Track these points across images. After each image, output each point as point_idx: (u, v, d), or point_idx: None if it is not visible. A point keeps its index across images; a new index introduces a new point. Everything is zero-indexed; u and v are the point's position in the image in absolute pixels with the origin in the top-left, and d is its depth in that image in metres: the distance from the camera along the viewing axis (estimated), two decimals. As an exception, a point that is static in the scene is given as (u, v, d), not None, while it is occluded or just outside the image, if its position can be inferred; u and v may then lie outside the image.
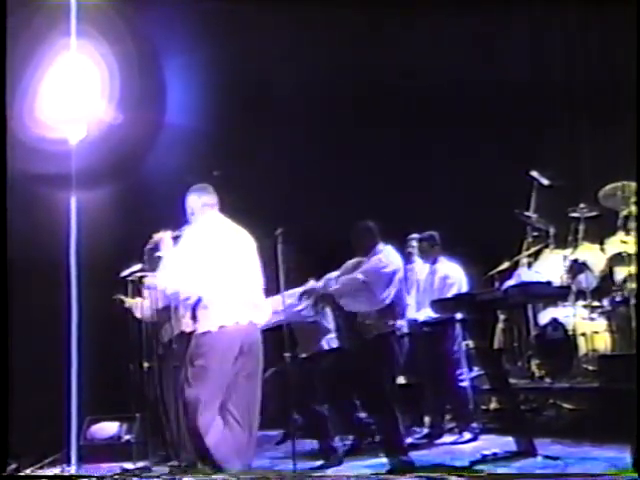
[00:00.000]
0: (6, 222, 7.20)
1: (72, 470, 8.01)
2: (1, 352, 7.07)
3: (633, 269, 8.58)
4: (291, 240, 7.36)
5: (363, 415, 8.30)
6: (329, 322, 8.32)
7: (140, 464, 8.19)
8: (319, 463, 7.88)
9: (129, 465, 8.27)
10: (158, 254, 7.87)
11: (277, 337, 7.38)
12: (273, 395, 7.90)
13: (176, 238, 6.94)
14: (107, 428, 9.05)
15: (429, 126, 10.98)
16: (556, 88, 10.22)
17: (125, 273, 8.31)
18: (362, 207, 10.47)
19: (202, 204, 6.72)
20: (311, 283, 8.05)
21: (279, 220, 7.17)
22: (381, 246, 7.61)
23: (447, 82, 10.50)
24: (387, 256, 7.54)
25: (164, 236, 7.02)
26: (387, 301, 7.35)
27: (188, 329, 8.34)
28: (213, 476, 6.11)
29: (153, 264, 7.99)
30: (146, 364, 8.39)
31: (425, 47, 10.50)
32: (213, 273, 6.40)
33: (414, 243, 9.66)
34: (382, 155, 11.07)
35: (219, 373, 6.29)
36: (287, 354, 7.64)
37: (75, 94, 8.64)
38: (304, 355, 8.25)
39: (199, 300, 6.49)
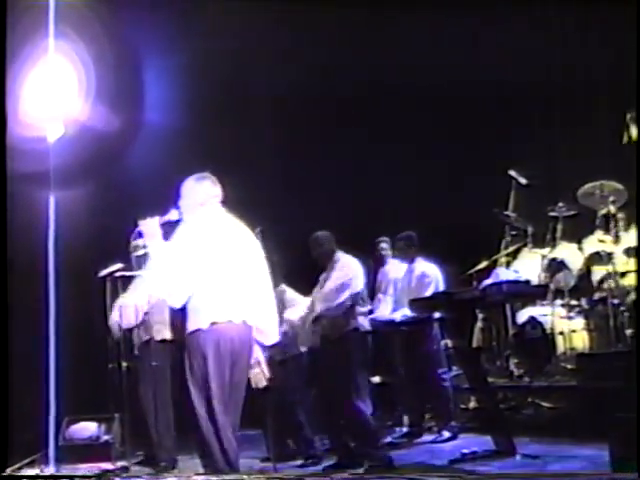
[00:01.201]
0: (6, 223, 7.10)
1: (50, 471, 7.98)
2: (1, 353, 6.99)
3: (611, 268, 8.63)
4: (270, 239, 7.35)
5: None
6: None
7: (119, 464, 8.19)
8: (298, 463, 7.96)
9: (108, 465, 8.26)
10: (139, 252, 7.85)
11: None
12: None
13: (165, 225, 6.18)
14: (86, 428, 9.03)
15: (407, 126, 11.00)
16: (535, 87, 10.25)
17: (104, 273, 8.28)
18: (341, 207, 10.50)
19: (214, 195, 6.21)
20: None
21: (260, 219, 7.09)
22: (338, 254, 7.71)
23: (426, 83, 10.50)
24: (345, 265, 7.64)
25: (151, 223, 6.15)
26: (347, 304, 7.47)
27: (159, 337, 8.36)
28: (194, 476, 6.01)
29: (137, 259, 7.97)
30: (125, 364, 8.38)
31: (405, 46, 10.52)
32: (213, 268, 5.92)
33: (384, 245, 9.71)
34: (361, 155, 11.09)
35: (212, 374, 5.79)
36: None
37: (53, 93, 8.61)
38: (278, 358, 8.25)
39: (189, 297, 5.92)
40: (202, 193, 6.19)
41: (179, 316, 6.98)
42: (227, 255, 5.99)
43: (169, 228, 6.13)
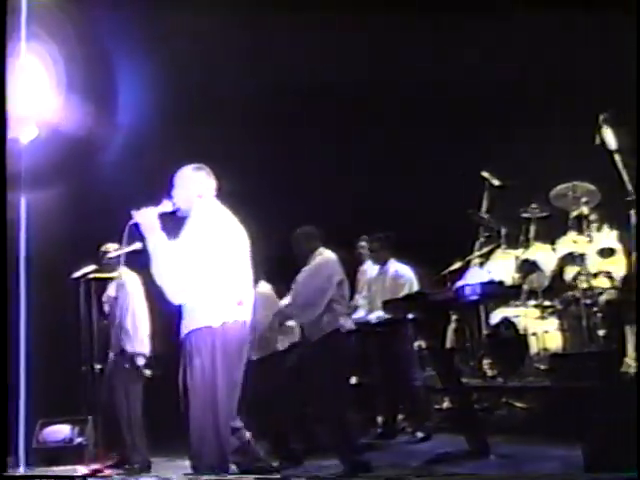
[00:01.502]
0: (5, 225, 7.02)
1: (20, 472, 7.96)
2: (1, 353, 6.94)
3: (584, 268, 8.66)
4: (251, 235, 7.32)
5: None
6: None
7: (93, 466, 8.16)
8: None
9: (82, 468, 8.23)
10: (112, 254, 7.79)
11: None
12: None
13: (164, 215, 5.91)
14: (59, 431, 9.00)
15: (380, 127, 11.00)
16: (509, 88, 10.26)
17: (77, 274, 8.24)
18: (314, 208, 10.47)
19: (210, 186, 6.05)
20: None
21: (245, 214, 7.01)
22: (321, 250, 7.62)
23: (399, 83, 10.51)
24: (325, 260, 7.57)
25: (148, 214, 5.85)
26: (323, 305, 7.39)
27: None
28: (172, 475, 5.96)
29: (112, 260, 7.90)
30: (98, 366, 8.35)
31: (384, 47, 10.52)
32: (223, 264, 5.80)
33: (363, 244, 9.74)
34: (335, 156, 11.07)
35: (220, 373, 5.68)
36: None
37: (26, 94, 8.56)
38: (258, 356, 8.21)
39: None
40: (198, 184, 6.04)
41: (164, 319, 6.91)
42: (232, 251, 5.91)
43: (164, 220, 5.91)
